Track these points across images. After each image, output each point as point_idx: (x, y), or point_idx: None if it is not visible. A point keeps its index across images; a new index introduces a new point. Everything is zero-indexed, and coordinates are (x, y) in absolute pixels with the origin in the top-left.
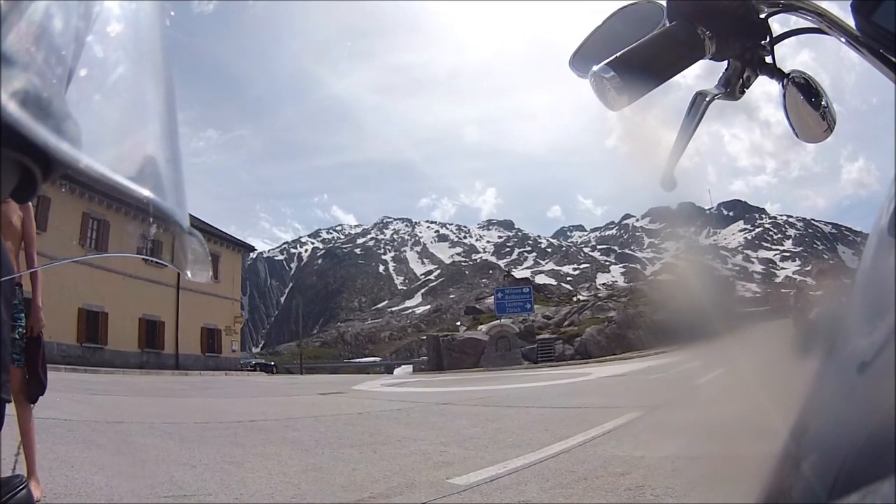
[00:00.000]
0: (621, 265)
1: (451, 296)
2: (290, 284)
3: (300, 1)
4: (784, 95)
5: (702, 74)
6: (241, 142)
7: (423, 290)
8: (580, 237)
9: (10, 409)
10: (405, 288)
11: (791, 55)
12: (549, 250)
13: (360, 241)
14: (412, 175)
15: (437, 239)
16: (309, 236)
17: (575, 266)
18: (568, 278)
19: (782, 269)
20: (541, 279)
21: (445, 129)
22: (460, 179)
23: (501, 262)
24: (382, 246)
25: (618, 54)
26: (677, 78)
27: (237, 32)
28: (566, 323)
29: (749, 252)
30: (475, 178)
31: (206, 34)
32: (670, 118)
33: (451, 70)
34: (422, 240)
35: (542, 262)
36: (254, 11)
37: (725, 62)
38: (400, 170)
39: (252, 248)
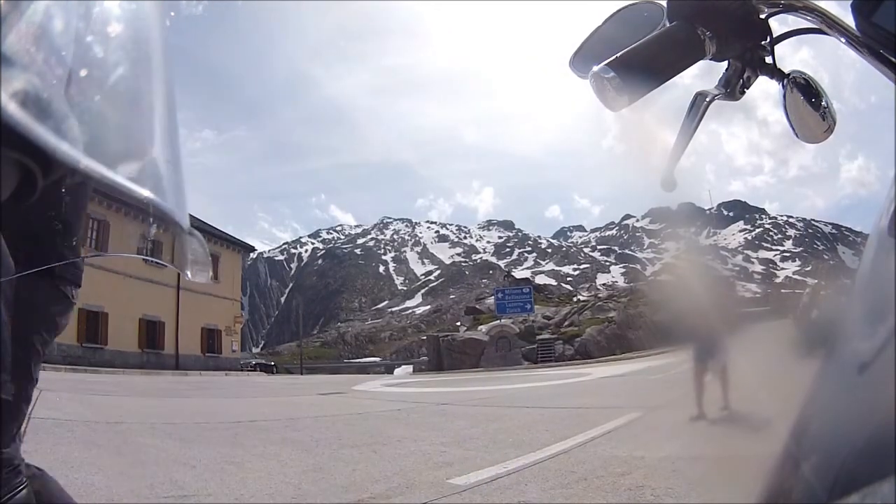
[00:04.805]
0: (621, 265)
1: (452, 296)
2: (291, 285)
3: (295, 2)
4: (784, 96)
5: (702, 74)
6: (237, 142)
7: (423, 291)
8: (580, 237)
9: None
10: (405, 288)
11: (791, 54)
12: (550, 251)
13: (360, 241)
14: (409, 176)
15: (437, 239)
16: (309, 236)
17: (575, 266)
18: (568, 279)
19: (782, 269)
20: (541, 279)
21: (442, 130)
22: (457, 180)
23: (501, 263)
24: (382, 246)
25: (618, 55)
26: (677, 78)
27: (232, 34)
28: (566, 323)
29: (749, 252)
30: (472, 178)
31: (202, 35)
32: (670, 118)
33: (447, 71)
34: (422, 240)
35: (542, 262)
36: (249, 13)
37: (725, 62)
38: (396, 171)
39: (252, 249)
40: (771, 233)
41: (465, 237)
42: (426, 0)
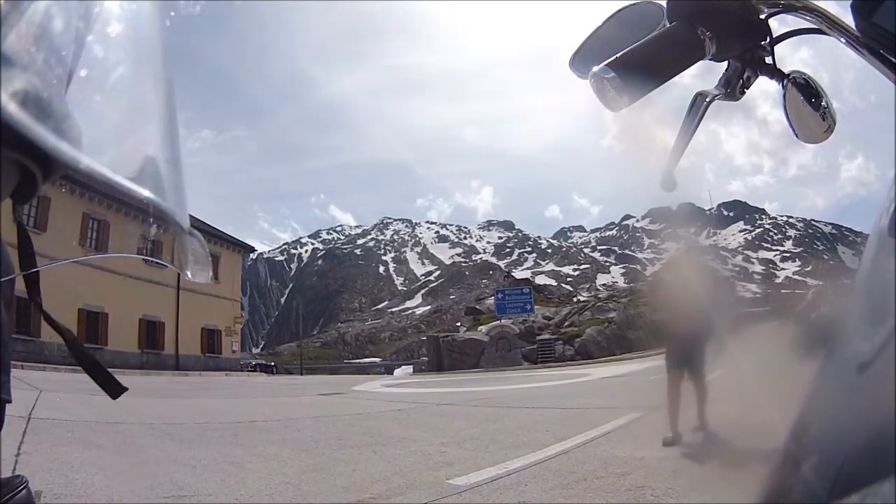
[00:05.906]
0: (621, 266)
1: (452, 296)
2: (291, 285)
3: (295, 2)
4: (784, 96)
5: (702, 74)
6: (236, 142)
7: (423, 291)
8: (580, 238)
9: (10, 409)
10: (405, 288)
11: (791, 54)
12: (550, 251)
13: (360, 241)
14: (409, 176)
15: (437, 240)
16: (309, 237)
17: (575, 267)
18: (568, 279)
19: (782, 269)
20: (541, 280)
21: (441, 131)
22: (456, 180)
23: (502, 263)
24: (382, 246)
25: (618, 55)
26: (677, 78)
27: (232, 33)
28: (566, 324)
29: (749, 253)
30: (471, 178)
31: (202, 35)
32: (670, 118)
33: (446, 72)
34: (422, 240)
35: (542, 262)
36: (249, 13)
37: (725, 62)
38: (396, 171)
39: (252, 249)
40: (771, 233)
41: (464, 237)
42: (426, 0)
